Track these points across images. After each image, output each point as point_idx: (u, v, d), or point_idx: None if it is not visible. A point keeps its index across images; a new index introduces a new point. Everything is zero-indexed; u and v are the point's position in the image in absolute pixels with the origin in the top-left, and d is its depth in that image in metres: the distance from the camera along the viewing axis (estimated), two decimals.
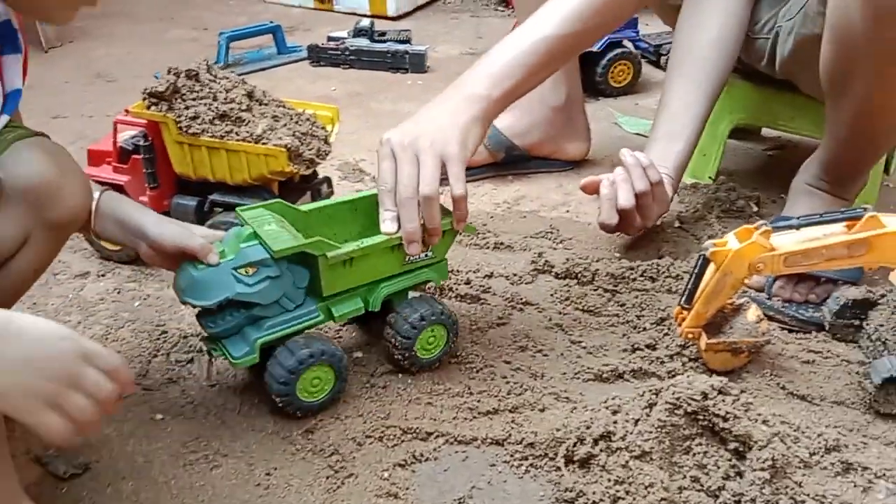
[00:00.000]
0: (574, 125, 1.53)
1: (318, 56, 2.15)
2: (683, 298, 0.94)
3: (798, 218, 0.91)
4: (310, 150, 1.09)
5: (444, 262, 0.97)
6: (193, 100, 1.05)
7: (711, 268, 0.91)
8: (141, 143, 1.10)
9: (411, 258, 0.91)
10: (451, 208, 0.91)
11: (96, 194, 0.84)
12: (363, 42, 2.14)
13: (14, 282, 0.79)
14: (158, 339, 1.03)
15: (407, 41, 2.17)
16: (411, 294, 0.97)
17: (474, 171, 1.47)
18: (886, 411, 0.90)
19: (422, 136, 0.88)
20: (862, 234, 0.88)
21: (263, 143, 1.05)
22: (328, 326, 0.98)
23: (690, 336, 0.94)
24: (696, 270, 0.92)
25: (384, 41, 2.16)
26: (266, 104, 1.11)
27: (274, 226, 0.86)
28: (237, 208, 0.90)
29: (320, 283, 0.87)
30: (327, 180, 1.24)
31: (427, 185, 0.86)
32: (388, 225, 0.88)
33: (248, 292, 0.83)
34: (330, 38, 2.19)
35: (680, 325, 0.95)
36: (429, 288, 1.08)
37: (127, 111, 1.11)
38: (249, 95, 1.10)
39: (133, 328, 1.05)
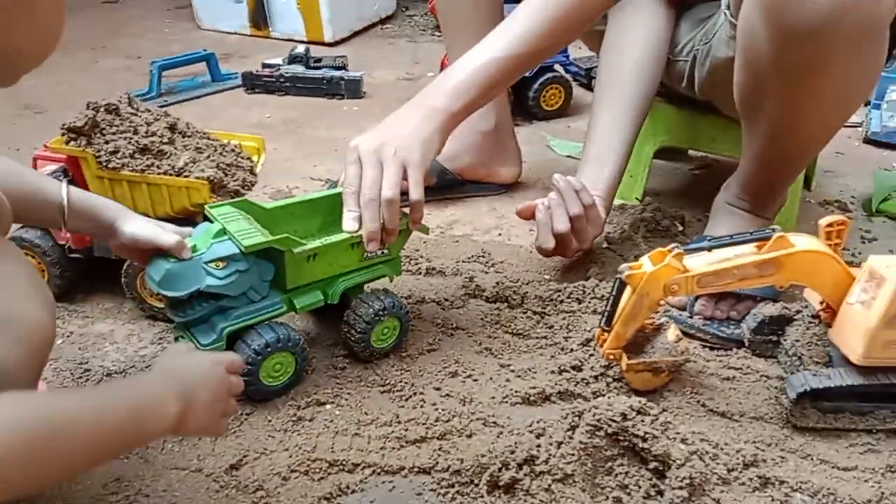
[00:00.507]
0: (505, 149, 1.55)
1: (253, 83, 2.15)
2: (603, 320, 0.96)
3: (709, 240, 0.94)
4: (234, 181, 1.08)
5: (398, 258, 1.06)
6: (113, 134, 1.04)
7: (628, 290, 0.93)
8: (61, 178, 1.08)
9: (369, 255, 0.99)
10: (407, 211, 0.99)
11: (63, 188, 0.85)
12: (298, 69, 2.14)
13: None
14: (81, 377, 1.01)
15: (343, 67, 2.18)
16: (368, 287, 1.05)
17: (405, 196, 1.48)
18: (803, 425, 0.92)
19: (387, 145, 0.96)
20: (771, 255, 0.91)
21: (185, 176, 1.04)
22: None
23: (612, 357, 0.96)
24: (613, 293, 0.94)
25: (320, 67, 2.17)
26: (189, 136, 1.10)
27: (242, 223, 0.93)
28: (206, 205, 0.97)
29: (285, 276, 0.95)
30: None
31: (389, 189, 0.94)
32: (350, 224, 0.95)
33: (217, 285, 0.89)
34: (265, 65, 2.19)
35: (602, 346, 0.97)
36: None
37: (46, 146, 1.09)
38: (172, 128, 1.09)
39: (55, 367, 1.03)
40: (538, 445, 0.82)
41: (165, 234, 0.88)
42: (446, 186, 1.53)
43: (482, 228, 1.44)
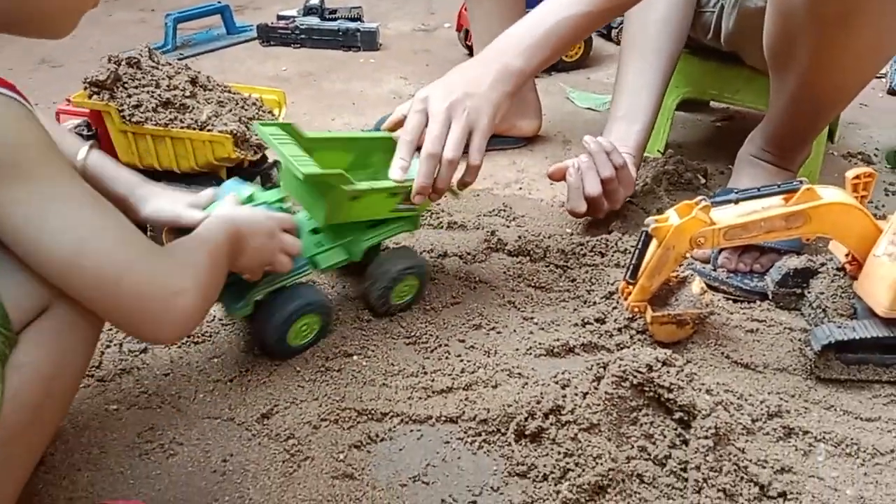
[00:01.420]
0: (524, 102, 1.53)
1: (268, 36, 2.13)
2: (628, 273, 0.96)
3: (737, 192, 0.94)
4: (256, 135, 1.08)
5: (418, 216, 1.04)
6: (135, 88, 1.04)
7: (654, 243, 0.93)
8: (84, 132, 1.09)
9: (400, 207, 0.98)
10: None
11: (83, 150, 0.84)
12: (313, 21, 2.12)
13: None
14: (111, 329, 1.02)
15: (358, 19, 2.15)
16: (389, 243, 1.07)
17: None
18: (826, 376, 0.93)
19: (458, 104, 0.95)
20: (799, 207, 0.91)
21: (209, 130, 1.05)
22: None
23: (636, 310, 0.97)
24: (639, 246, 0.94)
25: (335, 19, 2.14)
26: (211, 90, 1.10)
27: (295, 147, 0.91)
28: (257, 122, 0.96)
29: (323, 214, 0.93)
30: (277, 164, 1.23)
31: (452, 150, 0.94)
32: (397, 172, 0.94)
33: None
34: (280, 17, 2.17)
35: (626, 299, 0.98)
36: None
37: (68, 100, 1.10)
38: (193, 81, 1.08)
39: None
40: (564, 396, 0.83)
41: (187, 213, 0.85)
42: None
43: (502, 182, 1.44)
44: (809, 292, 1.02)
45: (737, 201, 0.93)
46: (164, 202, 0.87)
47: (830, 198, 0.92)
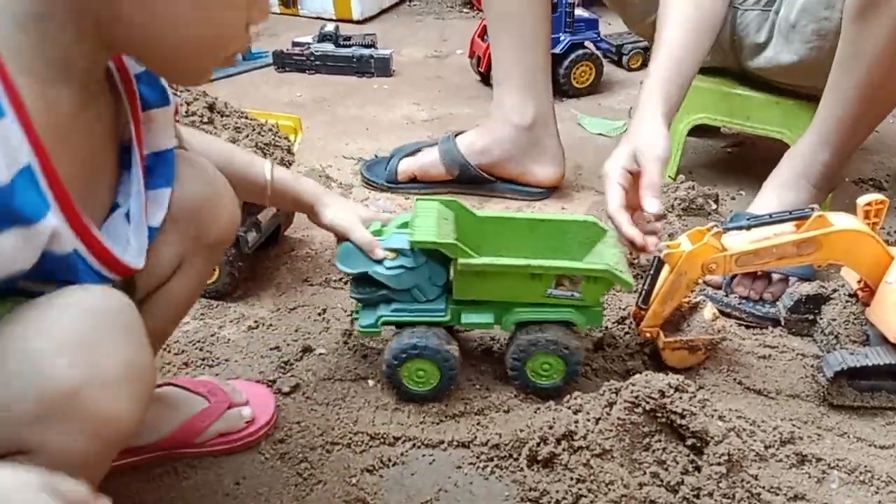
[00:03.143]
0: (542, 147, 1.44)
1: (284, 62, 2.16)
2: (640, 298, 0.96)
3: (748, 219, 0.94)
4: (273, 160, 1.10)
5: (599, 309, 0.93)
6: None
7: (666, 269, 0.94)
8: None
9: (554, 293, 0.90)
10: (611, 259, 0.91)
11: (268, 168, 0.90)
12: (328, 47, 2.15)
13: (175, 305, 0.76)
14: None
15: (372, 45, 2.18)
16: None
17: (433, 186, 1.44)
18: (839, 403, 0.93)
19: None
20: (810, 234, 0.91)
21: None
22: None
23: (648, 335, 0.97)
24: (651, 272, 0.95)
25: (349, 46, 2.17)
26: (228, 115, 1.12)
27: (432, 220, 0.90)
28: (417, 199, 0.95)
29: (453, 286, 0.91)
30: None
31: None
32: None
33: (382, 273, 0.89)
34: (295, 44, 2.20)
35: (638, 324, 0.98)
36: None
37: None
38: (211, 108, 1.10)
39: None
40: (576, 421, 0.83)
41: (358, 230, 0.90)
42: (471, 181, 1.44)
43: None
44: (822, 318, 1.02)
45: (749, 227, 0.93)
46: (343, 212, 0.93)
47: (842, 225, 0.92)
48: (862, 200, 0.95)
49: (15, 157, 0.48)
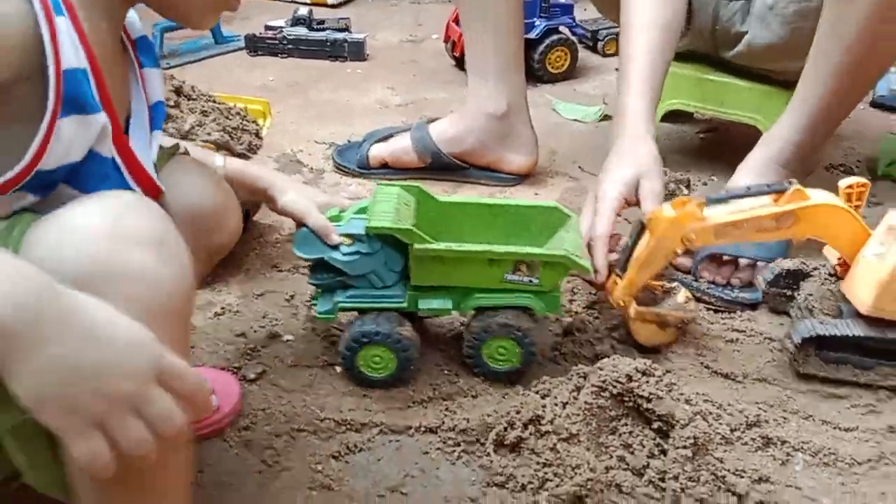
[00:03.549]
0: (516, 136, 1.43)
1: (256, 45, 2.13)
2: (619, 267, 0.97)
3: (726, 192, 0.94)
4: (240, 144, 1.09)
5: (556, 295, 0.93)
6: None
7: (647, 236, 0.94)
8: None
9: (511, 278, 0.90)
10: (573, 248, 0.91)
11: (219, 160, 0.93)
12: (301, 31, 2.12)
13: None
14: None
15: (346, 29, 2.16)
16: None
17: (406, 173, 1.42)
18: (805, 371, 0.94)
19: None
20: (788, 207, 0.91)
21: (192, 139, 1.05)
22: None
23: (621, 304, 0.97)
24: (632, 239, 0.95)
25: (323, 29, 2.15)
26: (195, 99, 1.11)
27: (391, 205, 0.89)
28: (379, 183, 0.94)
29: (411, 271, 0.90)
30: None
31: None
32: None
33: (338, 259, 0.88)
34: (268, 28, 2.17)
35: (613, 293, 0.98)
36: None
37: None
38: (177, 91, 1.09)
39: None
40: (543, 406, 0.83)
41: (314, 215, 0.90)
42: (443, 169, 1.43)
43: None
44: (799, 294, 1.02)
45: (728, 200, 0.94)
46: (298, 197, 0.93)
47: (819, 199, 0.93)
48: (844, 183, 0.95)
49: (77, 55, 0.57)
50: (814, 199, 0.92)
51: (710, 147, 1.64)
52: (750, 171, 1.20)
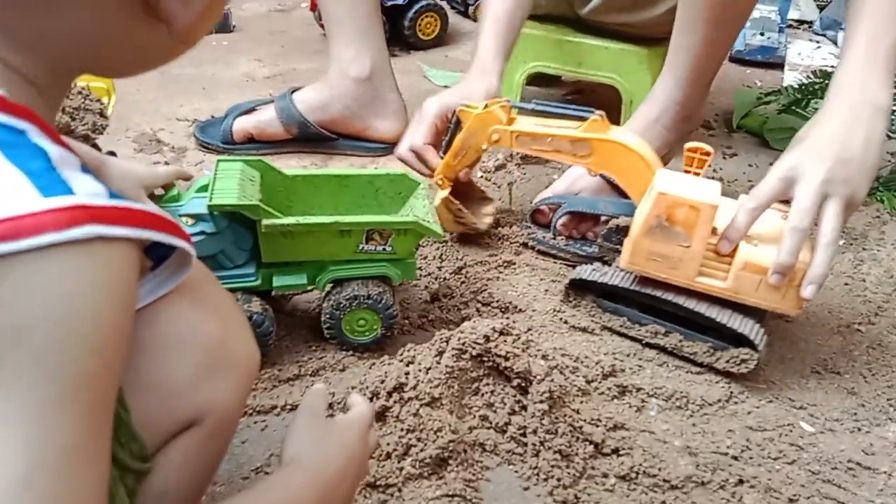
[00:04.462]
0: (382, 101, 1.42)
1: None
2: (442, 151, 1.05)
3: (535, 102, 1.01)
4: (83, 125, 1.03)
5: (412, 261, 0.92)
6: None
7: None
8: None
9: (366, 248, 0.89)
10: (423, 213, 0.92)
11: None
12: None
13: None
14: None
15: None
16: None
17: (274, 146, 1.40)
18: (571, 316, 0.99)
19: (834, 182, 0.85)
20: (584, 135, 0.95)
21: None
22: None
23: (440, 183, 1.06)
24: (451, 127, 1.04)
25: None
26: None
27: (234, 181, 0.85)
28: (219, 159, 0.89)
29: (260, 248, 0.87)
30: (111, 154, 1.17)
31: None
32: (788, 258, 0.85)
33: None
34: None
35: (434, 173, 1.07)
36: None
37: None
38: None
39: None
40: (407, 373, 0.84)
41: (141, 200, 0.81)
42: (311, 139, 1.41)
43: None
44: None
45: (534, 111, 0.99)
46: (122, 182, 0.81)
47: (615, 136, 0.95)
48: (689, 145, 0.94)
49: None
50: (609, 135, 0.95)
51: None
52: (632, 132, 1.23)
